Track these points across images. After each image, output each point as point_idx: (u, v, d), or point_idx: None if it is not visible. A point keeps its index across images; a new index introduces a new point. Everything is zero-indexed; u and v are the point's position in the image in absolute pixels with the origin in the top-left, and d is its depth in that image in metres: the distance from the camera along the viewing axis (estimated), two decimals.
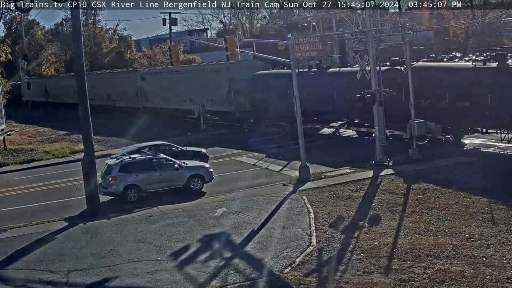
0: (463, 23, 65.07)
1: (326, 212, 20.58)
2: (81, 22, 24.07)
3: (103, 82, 60.61)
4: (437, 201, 20.64)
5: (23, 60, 75.59)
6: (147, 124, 44.57)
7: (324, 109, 36.31)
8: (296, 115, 26.23)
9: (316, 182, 25.03)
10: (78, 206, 24.00)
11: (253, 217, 20.66)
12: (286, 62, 27.44)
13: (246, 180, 26.88)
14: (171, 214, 21.92)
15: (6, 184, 30.63)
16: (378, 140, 27.30)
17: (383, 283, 14.40)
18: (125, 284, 15.82)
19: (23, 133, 48.92)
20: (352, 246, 17.19)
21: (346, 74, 34.81)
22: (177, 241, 18.72)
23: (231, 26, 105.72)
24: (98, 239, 19.79)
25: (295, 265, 16.06)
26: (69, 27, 75.31)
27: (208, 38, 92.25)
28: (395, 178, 24.48)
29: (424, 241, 16.94)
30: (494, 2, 60.87)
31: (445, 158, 27.14)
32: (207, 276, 15.76)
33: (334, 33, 40.57)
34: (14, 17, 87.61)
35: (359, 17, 30.93)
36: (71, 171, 30.86)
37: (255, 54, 44.00)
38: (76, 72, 24.15)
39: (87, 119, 23.34)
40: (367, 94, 27.15)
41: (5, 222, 22.50)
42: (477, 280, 14.12)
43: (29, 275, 16.89)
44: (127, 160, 25.15)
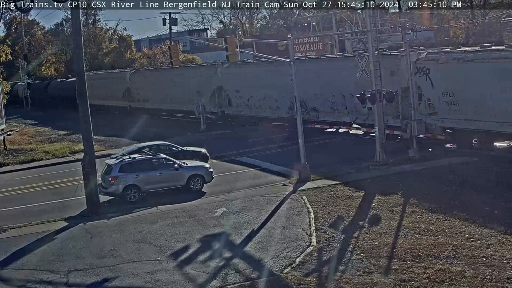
0: (463, 23, 65.06)
1: (326, 212, 20.58)
2: (81, 22, 24.07)
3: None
4: (437, 201, 20.65)
5: (23, 60, 75.59)
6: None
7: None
8: (296, 114, 26.24)
9: (316, 182, 25.03)
10: (78, 206, 24.01)
11: (253, 217, 20.66)
12: (286, 61, 27.43)
13: (246, 180, 26.89)
14: (171, 214, 21.92)
15: (6, 184, 30.63)
16: (378, 140, 27.31)
17: (383, 283, 14.41)
18: (125, 284, 15.83)
19: (23, 133, 48.90)
20: (352, 246, 17.20)
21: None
22: (177, 241, 18.73)
23: (231, 26, 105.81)
24: (98, 239, 19.79)
25: (295, 265, 16.07)
26: (69, 27, 75.51)
27: (208, 38, 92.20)
28: (395, 178, 24.49)
29: (424, 241, 16.94)
30: (494, 2, 60.84)
31: (445, 158, 27.16)
32: (207, 276, 15.77)
33: (334, 33, 40.70)
34: (14, 17, 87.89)
35: (359, 17, 31.00)
36: (71, 171, 30.86)
37: (255, 54, 43.99)
38: (76, 72, 24.16)
39: (87, 119, 23.35)
40: (367, 94, 27.11)
41: (5, 222, 22.50)
42: (477, 280, 14.13)
43: (29, 275, 16.90)
44: (127, 160, 25.16)
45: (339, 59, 37.08)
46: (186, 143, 34.21)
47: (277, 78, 36.36)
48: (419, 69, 28.91)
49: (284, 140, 34.55)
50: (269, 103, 40.24)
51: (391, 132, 30.48)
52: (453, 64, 27.70)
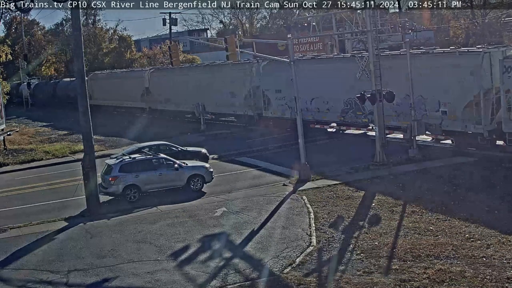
0: (463, 23, 65.04)
1: (326, 212, 20.59)
2: (81, 22, 24.07)
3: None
4: (437, 201, 20.65)
5: (23, 60, 75.55)
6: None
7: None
8: (296, 114, 26.24)
9: (316, 182, 25.03)
10: (78, 206, 24.01)
11: (253, 217, 20.67)
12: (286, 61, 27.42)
13: (246, 180, 26.89)
14: (171, 214, 21.93)
15: (6, 184, 30.63)
16: (378, 140, 27.32)
17: (383, 283, 14.41)
18: (125, 284, 15.83)
19: (23, 133, 48.87)
20: (352, 246, 17.20)
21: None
22: (177, 241, 18.74)
23: (231, 26, 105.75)
24: (98, 239, 19.79)
25: (295, 265, 16.08)
26: (69, 27, 75.40)
27: (208, 38, 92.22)
28: (395, 178, 24.50)
29: (424, 241, 16.95)
30: (494, 2, 60.81)
31: (444, 158, 27.17)
32: (207, 276, 15.78)
33: (334, 33, 40.72)
34: (14, 17, 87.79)
35: (359, 17, 31.02)
36: (71, 171, 30.86)
37: (255, 54, 43.99)
38: (77, 72, 24.15)
39: (87, 119, 23.36)
40: (367, 94, 27.11)
41: (5, 222, 22.50)
42: (477, 280, 14.13)
43: (29, 275, 16.90)
44: (127, 160, 25.17)
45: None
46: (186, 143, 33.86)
47: (340, 74, 32.63)
48: (507, 68, 25.23)
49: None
50: (318, 105, 35.38)
51: (471, 142, 27.50)
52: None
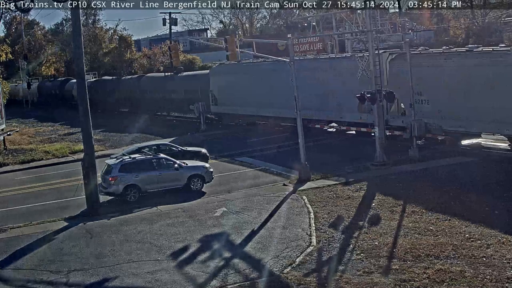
0: (463, 23, 65.09)
1: (326, 212, 20.58)
2: (81, 22, 24.07)
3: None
4: (437, 201, 20.65)
5: (23, 60, 75.53)
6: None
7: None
8: (296, 114, 26.24)
9: (316, 182, 25.03)
10: (78, 206, 24.02)
11: (253, 217, 20.66)
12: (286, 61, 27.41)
13: (246, 180, 26.89)
14: (171, 214, 21.93)
15: (6, 184, 30.64)
16: (378, 140, 27.31)
17: (383, 283, 14.41)
18: (125, 284, 15.83)
19: (23, 133, 48.90)
20: (352, 246, 17.20)
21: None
22: (177, 241, 18.73)
23: (231, 26, 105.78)
24: (98, 239, 19.80)
25: (295, 265, 16.07)
26: (69, 27, 75.45)
27: (208, 38, 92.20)
28: (395, 178, 24.50)
29: (424, 241, 16.94)
30: (494, 2, 60.89)
31: (444, 158, 27.16)
32: (207, 276, 15.77)
33: (334, 33, 40.69)
34: (14, 17, 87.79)
35: (359, 17, 31.00)
36: (71, 171, 30.87)
37: (255, 54, 43.99)
38: (77, 73, 24.16)
39: (87, 119, 23.36)
40: (367, 94, 27.12)
41: (5, 222, 22.52)
42: (477, 280, 14.12)
43: (29, 275, 16.91)
44: (127, 160, 25.17)
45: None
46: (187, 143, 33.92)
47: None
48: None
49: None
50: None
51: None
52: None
